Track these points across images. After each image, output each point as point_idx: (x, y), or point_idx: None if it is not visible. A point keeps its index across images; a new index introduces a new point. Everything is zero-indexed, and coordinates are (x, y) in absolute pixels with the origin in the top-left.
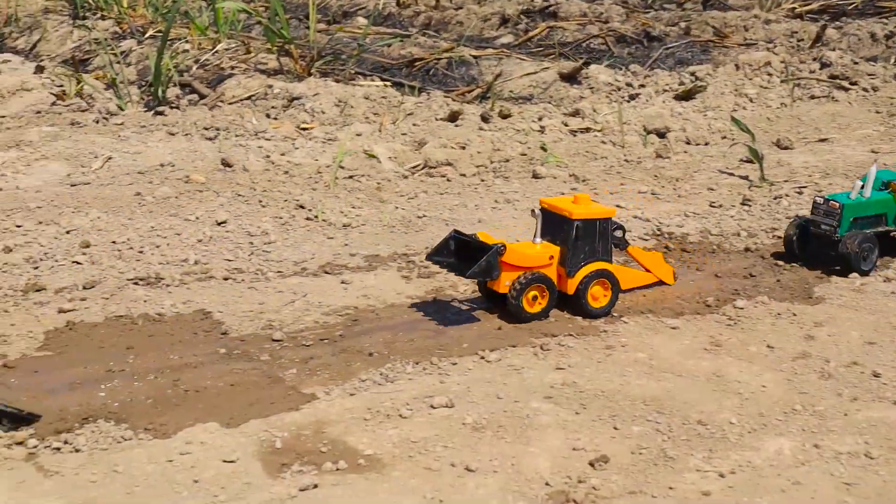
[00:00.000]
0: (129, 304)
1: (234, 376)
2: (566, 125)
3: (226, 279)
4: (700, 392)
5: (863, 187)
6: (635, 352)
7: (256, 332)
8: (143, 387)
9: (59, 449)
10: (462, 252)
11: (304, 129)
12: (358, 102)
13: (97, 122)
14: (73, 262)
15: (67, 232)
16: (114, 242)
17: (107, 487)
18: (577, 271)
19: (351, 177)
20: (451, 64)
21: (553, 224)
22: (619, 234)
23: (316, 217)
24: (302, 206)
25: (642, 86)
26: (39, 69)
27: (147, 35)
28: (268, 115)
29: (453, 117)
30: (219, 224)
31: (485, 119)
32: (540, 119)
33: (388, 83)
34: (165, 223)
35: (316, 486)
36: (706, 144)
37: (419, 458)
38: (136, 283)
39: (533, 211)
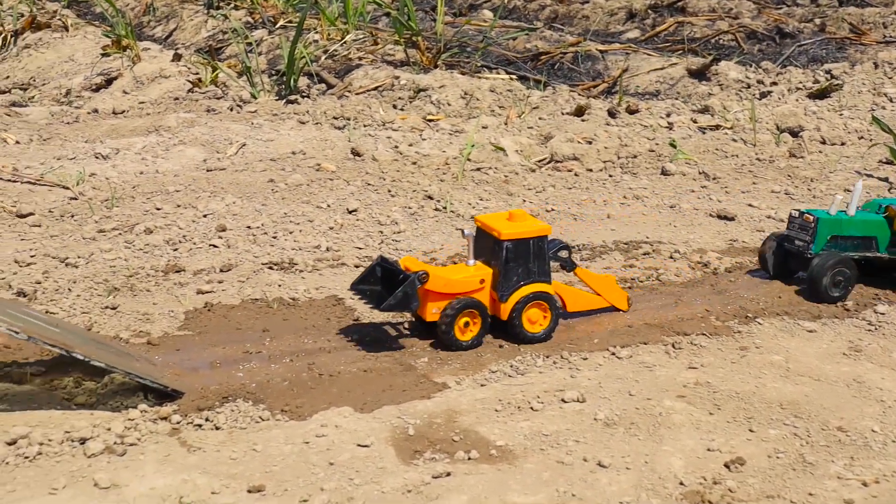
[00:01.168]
0: (264, 287)
1: (367, 362)
2: (695, 122)
3: (357, 266)
4: (839, 398)
5: (848, 204)
6: (770, 354)
7: (387, 319)
8: (278, 369)
9: (200, 426)
10: (390, 280)
11: (431, 120)
12: (484, 95)
13: (231, 109)
14: (210, 245)
15: (204, 216)
16: (248, 227)
17: (246, 465)
18: (510, 295)
19: (478, 169)
20: (577, 58)
21: (486, 244)
22: (564, 254)
23: (444, 208)
24: (430, 197)
25: (774, 83)
26: (177, 57)
27: (278, 25)
28: (394, 106)
29: (580, 112)
30: (349, 212)
31: (612, 114)
32: (668, 115)
33: (514, 76)
34: (298, 210)
35: (449, 475)
36: (842, 144)
37: (551, 451)
38: (270, 268)
39: (463, 231)
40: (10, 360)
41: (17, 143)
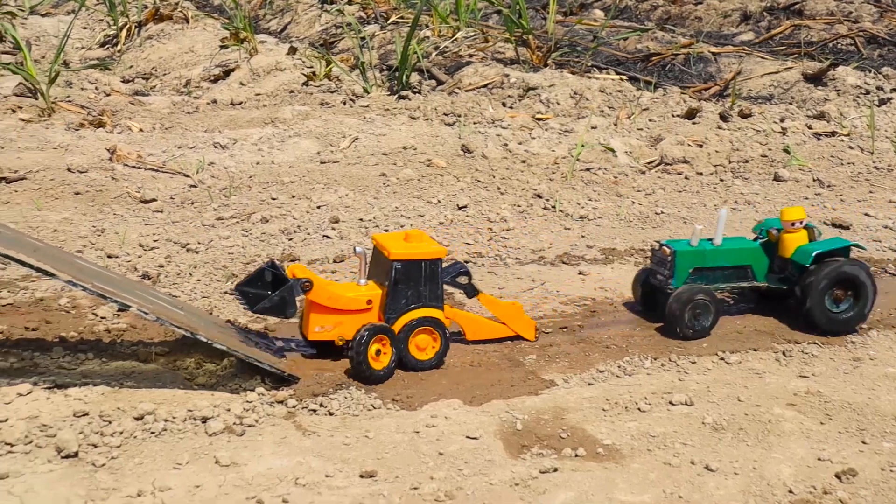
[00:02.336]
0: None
1: (476, 356)
2: (810, 128)
3: (466, 262)
4: None
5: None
6: (885, 366)
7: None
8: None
9: (315, 411)
10: (279, 285)
11: (540, 119)
12: (593, 95)
13: (344, 103)
14: (324, 235)
15: (318, 207)
16: (361, 220)
17: (359, 451)
18: (397, 318)
19: (588, 169)
20: (689, 60)
21: (380, 264)
22: (463, 279)
23: (553, 207)
24: (539, 196)
25: (895, 90)
26: (292, 50)
27: (390, 21)
28: (504, 104)
29: (691, 114)
30: (459, 208)
31: (724, 118)
32: (782, 120)
33: (624, 77)
34: (409, 204)
35: (556, 470)
36: None
37: (658, 452)
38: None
39: (355, 249)
40: (137, 339)
41: (141, 130)
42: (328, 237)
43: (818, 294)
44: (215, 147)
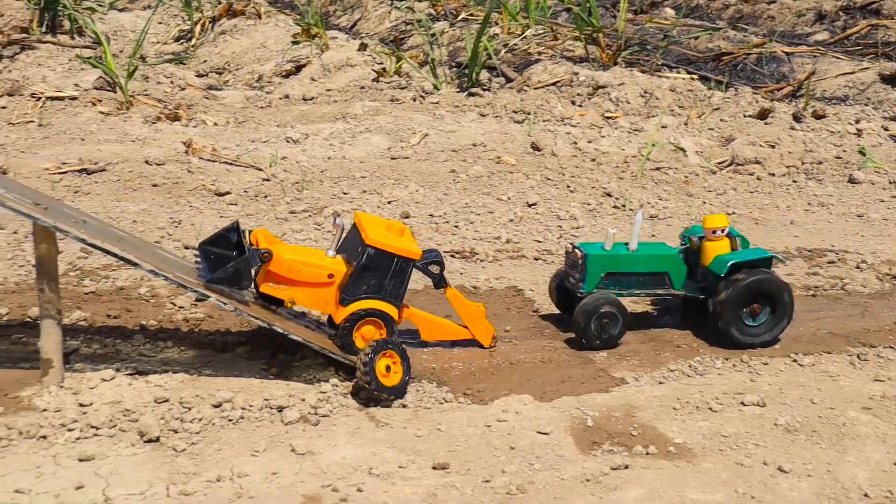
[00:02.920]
0: (445, 274)
1: (546, 353)
2: (886, 129)
3: (536, 259)
4: None
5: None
6: None
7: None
8: (460, 354)
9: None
10: (243, 250)
11: (610, 117)
12: (664, 94)
13: (414, 99)
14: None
15: (389, 202)
16: (431, 215)
17: (431, 443)
18: (352, 302)
19: (658, 169)
20: (761, 60)
21: (354, 242)
22: (435, 269)
23: (623, 206)
24: (609, 195)
25: None
26: (363, 47)
27: (459, 18)
28: (573, 102)
29: (763, 115)
30: (529, 205)
31: (797, 118)
32: (857, 122)
33: (695, 76)
34: (479, 201)
35: (627, 467)
36: None
37: (730, 452)
38: (452, 256)
39: (335, 219)
40: (214, 329)
41: (216, 124)
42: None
43: (732, 308)
44: (288, 141)
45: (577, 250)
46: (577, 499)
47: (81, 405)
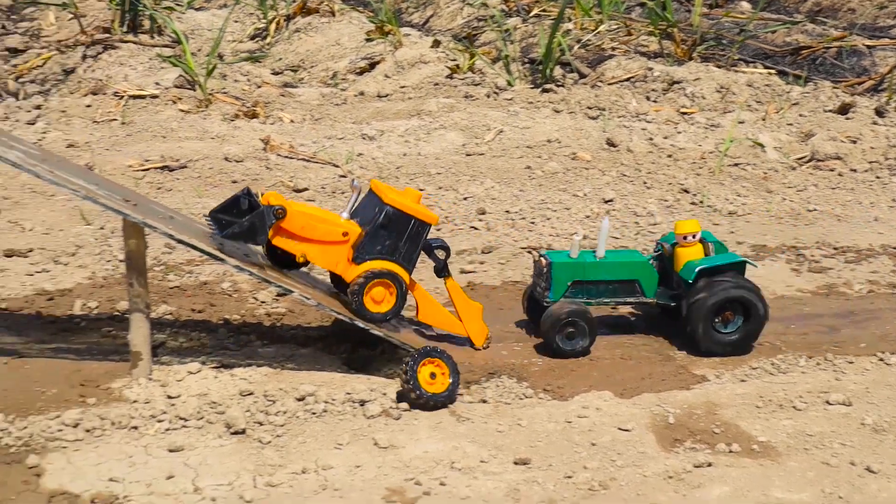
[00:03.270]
0: (523, 270)
1: (626, 350)
2: None
3: None
4: None
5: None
6: None
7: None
8: (541, 349)
9: (468, 398)
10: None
11: (685, 113)
12: (740, 89)
13: (488, 96)
14: (471, 227)
15: (465, 198)
16: (507, 212)
17: (512, 438)
18: (365, 261)
19: (736, 164)
20: (841, 53)
21: (369, 209)
22: (441, 254)
23: (701, 202)
24: (686, 191)
25: None
26: (436, 43)
27: (531, 14)
28: (647, 98)
29: (843, 110)
30: (605, 202)
31: (879, 113)
32: None
33: (772, 71)
34: (555, 197)
35: (710, 465)
36: None
37: (815, 451)
38: (529, 252)
39: (353, 181)
40: (296, 323)
41: (292, 121)
42: (475, 228)
43: (703, 315)
44: (363, 138)
45: (542, 258)
46: (661, 496)
47: (169, 397)
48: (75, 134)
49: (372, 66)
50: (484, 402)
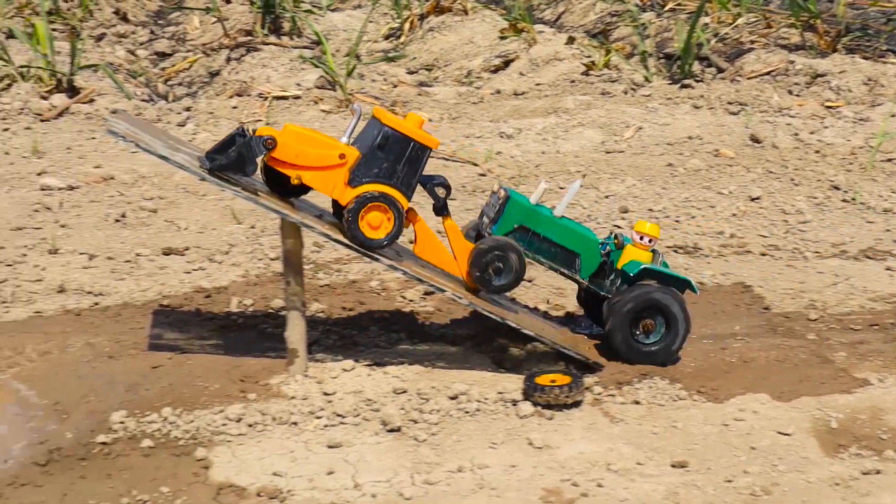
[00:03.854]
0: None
1: (781, 351)
2: None
3: (763, 255)
4: None
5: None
6: None
7: (799, 310)
8: (691, 351)
9: (621, 399)
10: None
11: (831, 107)
12: (889, 81)
13: (625, 92)
14: (614, 225)
15: (606, 196)
16: (650, 210)
17: (668, 440)
18: (361, 184)
19: (889, 160)
20: None
21: (368, 136)
22: (441, 191)
23: (853, 199)
24: (837, 188)
25: None
26: (570, 40)
27: (666, 8)
28: (789, 92)
29: None
30: (752, 200)
31: None
32: None
33: None
34: (699, 195)
35: (878, 472)
36: None
37: None
38: (675, 251)
39: (353, 105)
40: (444, 322)
41: (430, 120)
42: (618, 227)
43: (620, 318)
44: (501, 136)
45: (502, 189)
46: (827, 503)
47: (326, 394)
48: (223, 135)
49: (506, 63)
50: (637, 403)
